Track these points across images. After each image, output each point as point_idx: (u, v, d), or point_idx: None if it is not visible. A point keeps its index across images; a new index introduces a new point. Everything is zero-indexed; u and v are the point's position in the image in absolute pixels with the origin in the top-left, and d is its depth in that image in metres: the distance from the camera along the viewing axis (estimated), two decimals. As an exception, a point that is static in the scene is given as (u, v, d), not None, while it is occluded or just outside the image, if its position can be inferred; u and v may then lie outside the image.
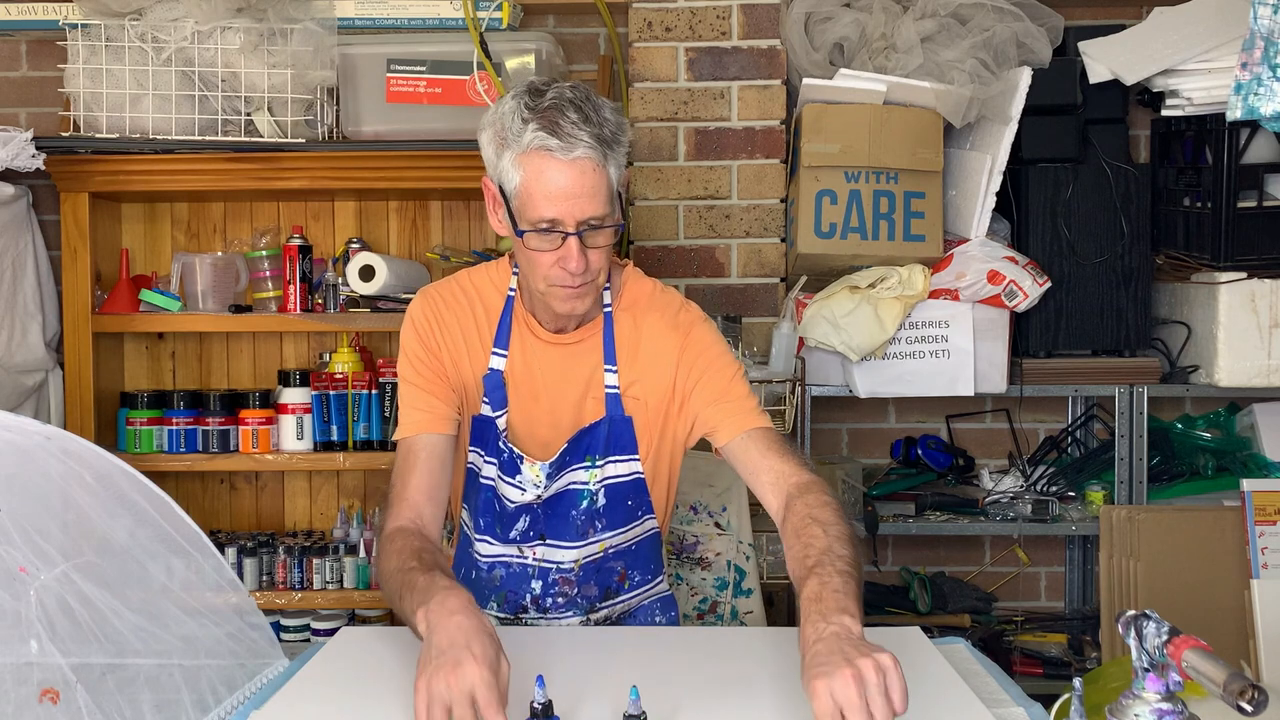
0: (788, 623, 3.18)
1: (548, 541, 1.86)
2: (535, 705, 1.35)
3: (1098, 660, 3.08)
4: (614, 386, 1.82)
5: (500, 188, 1.70)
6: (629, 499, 1.86)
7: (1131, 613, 1.18)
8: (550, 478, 1.83)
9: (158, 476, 1.76)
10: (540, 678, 1.36)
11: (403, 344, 1.85)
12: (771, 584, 3.05)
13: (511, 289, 1.86)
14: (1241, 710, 1.07)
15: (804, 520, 1.61)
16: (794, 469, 1.72)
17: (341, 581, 3.13)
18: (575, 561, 1.87)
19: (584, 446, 1.82)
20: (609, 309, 1.84)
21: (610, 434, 1.82)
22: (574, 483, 1.84)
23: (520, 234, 1.68)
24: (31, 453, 1.49)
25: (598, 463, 1.83)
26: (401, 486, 1.76)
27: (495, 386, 1.83)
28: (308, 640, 3.14)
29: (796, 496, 1.66)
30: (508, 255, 1.90)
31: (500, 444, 1.83)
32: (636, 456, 1.84)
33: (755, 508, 3.09)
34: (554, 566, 1.87)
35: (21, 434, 1.50)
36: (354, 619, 3.24)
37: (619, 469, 1.84)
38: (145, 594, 1.53)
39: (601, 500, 1.85)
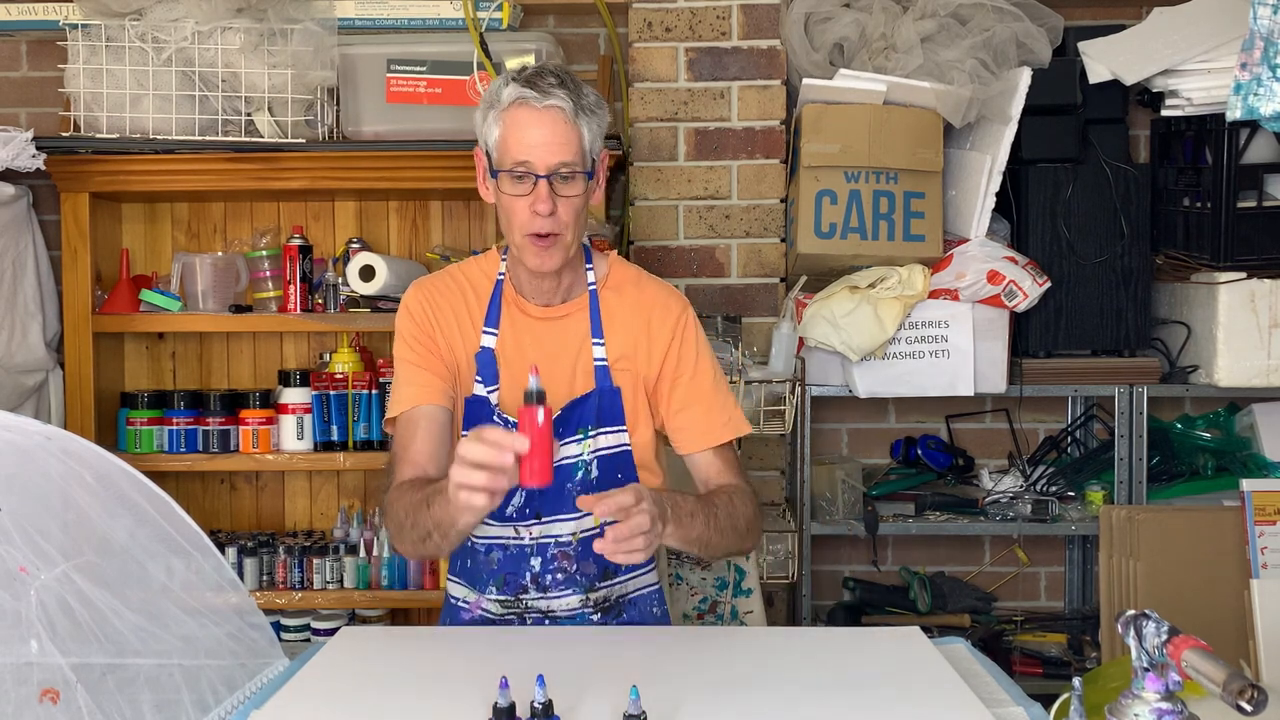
0: (788, 622, 3.18)
1: (544, 519, 1.90)
2: (535, 705, 1.35)
3: (1097, 660, 3.08)
4: (602, 359, 1.91)
5: (485, 150, 1.86)
6: (619, 472, 1.92)
7: (1131, 613, 1.18)
8: None
9: (158, 476, 1.76)
10: (540, 678, 1.37)
11: (398, 329, 1.94)
12: (771, 584, 3.05)
13: (500, 273, 1.95)
14: (1241, 710, 1.07)
15: (716, 491, 1.89)
16: (734, 479, 1.93)
17: (341, 581, 3.13)
18: (573, 534, 1.90)
19: (576, 418, 1.88)
20: (593, 287, 1.94)
21: (600, 405, 1.89)
22: (567, 456, 1.89)
23: (495, 175, 1.83)
24: (31, 453, 1.49)
25: (590, 433, 1.89)
26: (403, 452, 1.85)
27: (487, 363, 1.90)
28: (308, 640, 3.14)
29: (719, 486, 1.91)
30: (496, 246, 2.01)
31: (495, 419, 1.88)
32: (624, 428, 1.91)
33: (755, 508, 3.09)
34: (552, 541, 1.91)
35: (21, 434, 1.50)
36: (354, 619, 3.24)
37: (609, 440, 1.91)
38: (145, 594, 1.54)
39: (595, 471, 1.90)
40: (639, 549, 1.60)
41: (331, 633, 1.96)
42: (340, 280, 3.13)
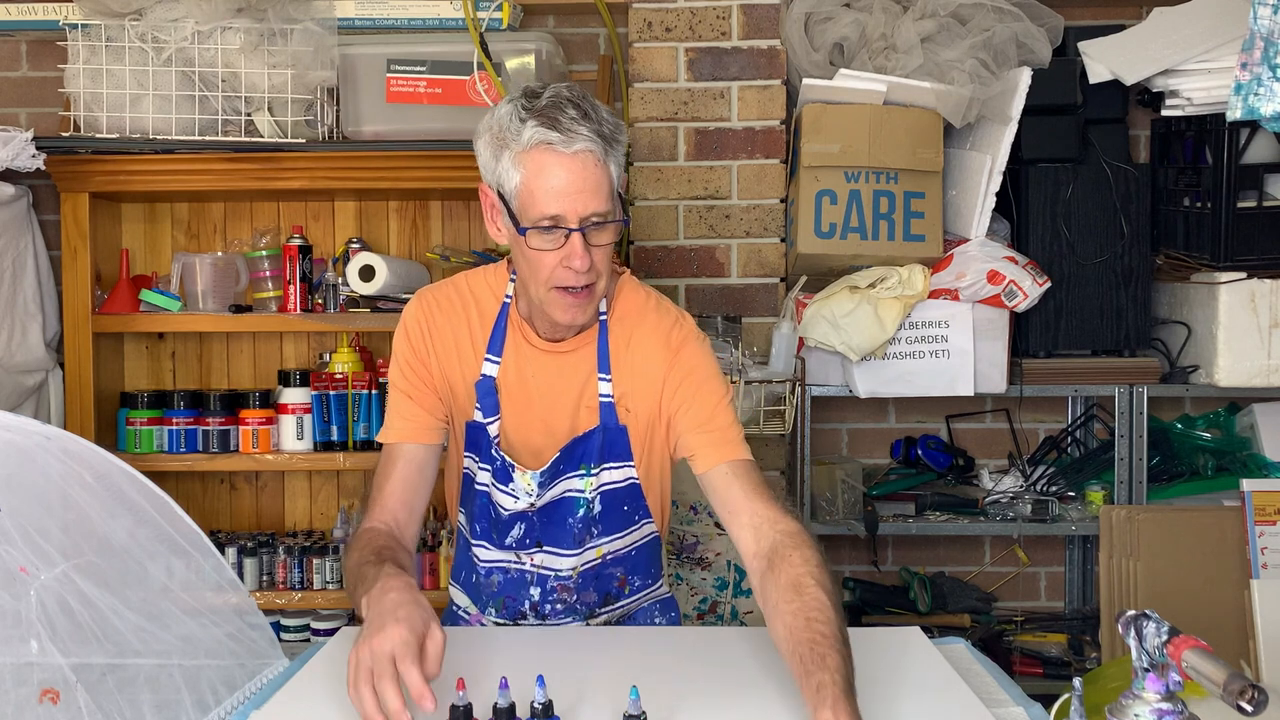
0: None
1: (545, 548, 1.85)
2: (535, 705, 1.35)
3: (1098, 660, 3.08)
4: (608, 395, 1.80)
5: (500, 192, 1.68)
6: (625, 504, 1.85)
7: (1131, 613, 1.18)
8: (542, 486, 1.81)
9: (158, 476, 1.76)
10: (540, 678, 1.37)
11: (395, 348, 1.86)
12: (771, 584, 3.05)
13: (508, 295, 1.84)
14: (1241, 710, 1.07)
15: (804, 578, 1.54)
16: (778, 514, 1.67)
17: (341, 581, 3.13)
18: (573, 569, 1.86)
19: (578, 455, 1.81)
20: (604, 317, 1.82)
21: (605, 442, 1.80)
22: (569, 490, 1.82)
23: (523, 232, 1.65)
24: (31, 453, 1.49)
25: (593, 470, 1.81)
26: (379, 491, 1.80)
27: (487, 393, 1.81)
28: (308, 640, 3.14)
29: (790, 547, 1.60)
30: (506, 260, 1.87)
31: (493, 452, 1.82)
32: (631, 463, 1.82)
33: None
34: (552, 574, 1.86)
35: (21, 434, 1.50)
36: (354, 619, 3.24)
37: (614, 475, 1.83)
38: (145, 594, 1.53)
39: (598, 507, 1.83)
40: None
41: (331, 633, 1.97)
42: (340, 280, 3.13)
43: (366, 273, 3.03)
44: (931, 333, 3.08)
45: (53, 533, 1.44)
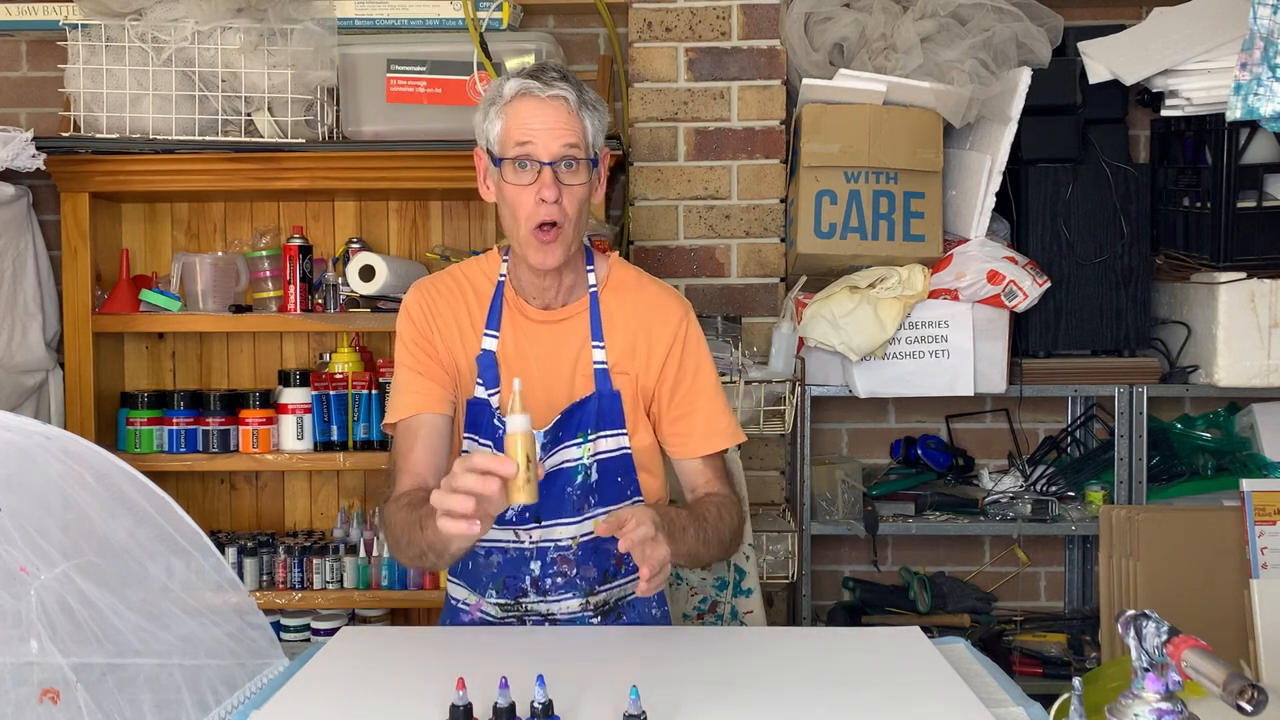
0: (788, 622, 3.19)
1: (544, 523, 1.89)
2: (535, 705, 1.35)
3: (1097, 660, 3.08)
4: (602, 362, 1.89)
5: (487, 148, 1.85)
6: (619, 476, 1.91)
7: (1131, 612, 1.18)
8: (545, 449, 1.86)
9: (158, 476, 1.76)
10: (540, 678, 1.37)
11: (399, 333, 1.94)
12: (771, 584, 3.05)
13: (502, 275, 1.94)
14: (1241, 710, 1.07)
15: (705, 502, 1.88)
16: (726, 493, 1.93)
17: (341, 581, 3.13)
18: (573, 539, 1.90)
19: (575, 421, 1.87)
20: (594, 289, 1.92)
21: (600, 409, 1.88)
22: (567, 460, 1.88)
23: (498, 163, 1.81)
24: (31, 453, 1.49)
25: (590, 437, 1.88)
26: (403, 461, 1.85)
27: (488, 366, 1.89)
28: (308, 640, 3.14)
29: (711, 499, 1.90)
30: (497, 247, 1.99)
31: (495, 422, 1.87)
32: (624, 431, 1.90)
33: (755, 508, 3.09)
34: (552, 545, 1.90)
35: (22, 434, 1.50)
36: (354, 619, 3.24)
37: (609, 444, 1.89)
38: (145, 594, 1.53)
39: (594, 475, 1.89)
40: (660, 574, 1.64)
41: (331, 633, 1.96)
42: (340, 280, 3.13)
43: (366, 273, 3.03)
44: (931, 333, 3.08)
45: (53, 533, 1.44)
